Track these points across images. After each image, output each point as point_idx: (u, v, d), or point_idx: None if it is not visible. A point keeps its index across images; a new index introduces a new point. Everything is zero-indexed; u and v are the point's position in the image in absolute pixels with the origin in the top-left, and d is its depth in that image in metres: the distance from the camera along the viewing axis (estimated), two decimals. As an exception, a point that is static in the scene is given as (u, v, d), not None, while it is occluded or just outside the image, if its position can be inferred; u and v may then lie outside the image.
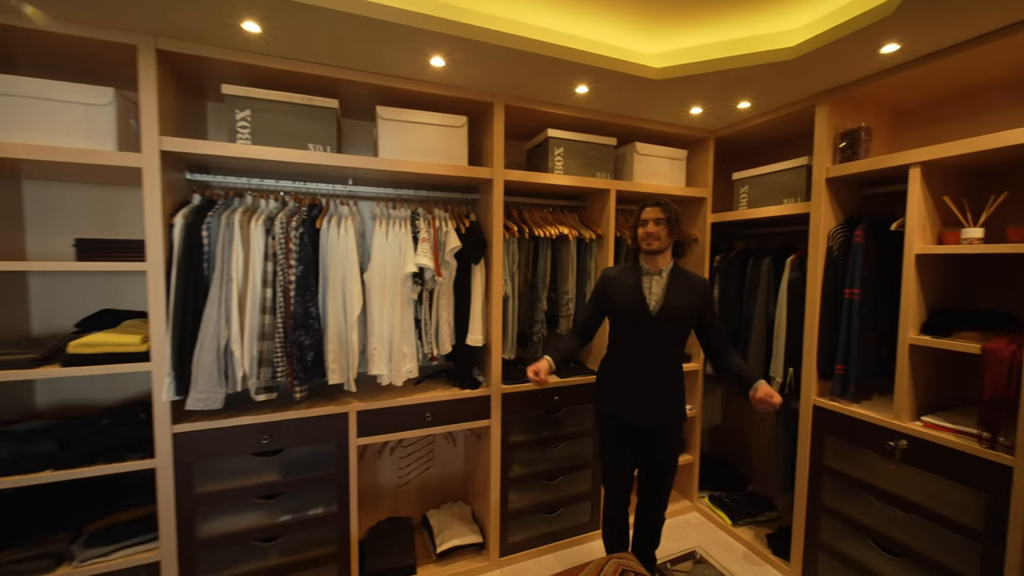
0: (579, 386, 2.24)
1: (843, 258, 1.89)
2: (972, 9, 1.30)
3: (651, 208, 1.69)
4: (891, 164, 1.67)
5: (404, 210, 2.03)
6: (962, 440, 1.51)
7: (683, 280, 1.71)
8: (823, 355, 1.94)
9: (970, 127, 1.78)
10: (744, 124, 2.28)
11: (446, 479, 2.50)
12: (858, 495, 1.81)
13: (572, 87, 1.89)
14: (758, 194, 2.30)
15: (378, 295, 1.85)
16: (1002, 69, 1.59)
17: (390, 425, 1.90)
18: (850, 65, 1.65)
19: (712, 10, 1.57)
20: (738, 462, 2.88)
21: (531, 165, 2.35)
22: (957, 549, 1.53)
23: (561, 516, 2.28)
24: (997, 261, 1.70)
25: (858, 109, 1.94)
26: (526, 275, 2.26)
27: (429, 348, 1.99)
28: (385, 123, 1.86)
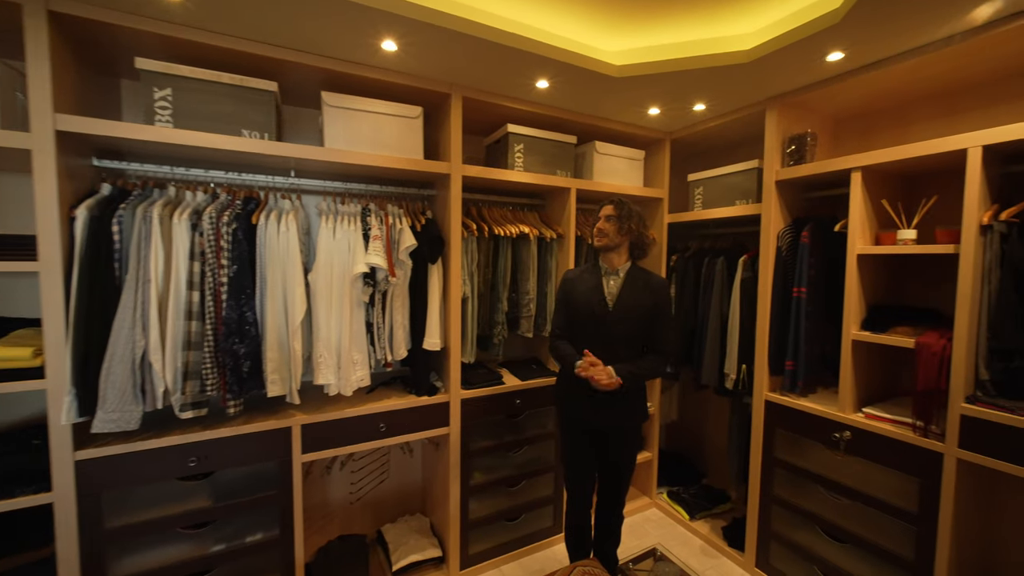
0: (540, 388, 2.19)
1: (791, 258, 1.97)
2: (908, 26, 1.37)
3: (606, 206, 1.71)
4: (835, 168, 1.74)
5: (354, 205, 1.88)
6: (899, 429, 1.60)
7: (639, 280, 1.71)
8: (774, 351, 2.01)
9: (901, 135, 1.91)
10: (699, 126, 2.32)
11: (402, 491, 2.37)
12: (807, 485, 1.89)
13: (533, 81, 1.83)
14: (712, 195, 2.35)
15: (324, 298, 1.70)
16: (930, 82, 1.70)
17: (340, 438, 1.76)
18: (799, 71, 1.70)
19: (671, 10, 1.57)
20: (693, 457, 2.95)
21: (490, 161, 2.27)
22: (895, 532, 1.62)
23: (523, 522, 2.22)
24: (925, 260, 1.82)
25: (804, 115, 2.02)
26: (486, 275, 2.18)
27: (382, 354, 1.86)
28: (332, 110, 1.71)
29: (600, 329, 1.67)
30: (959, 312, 1.44)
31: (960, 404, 1.43)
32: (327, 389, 1.73)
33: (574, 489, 1.80)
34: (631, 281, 1.71)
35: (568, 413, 1.77)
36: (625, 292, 1.69)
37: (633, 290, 1.69)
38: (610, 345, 1.66)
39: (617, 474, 1.78)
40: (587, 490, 1.80)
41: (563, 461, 1.83)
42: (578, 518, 1.82)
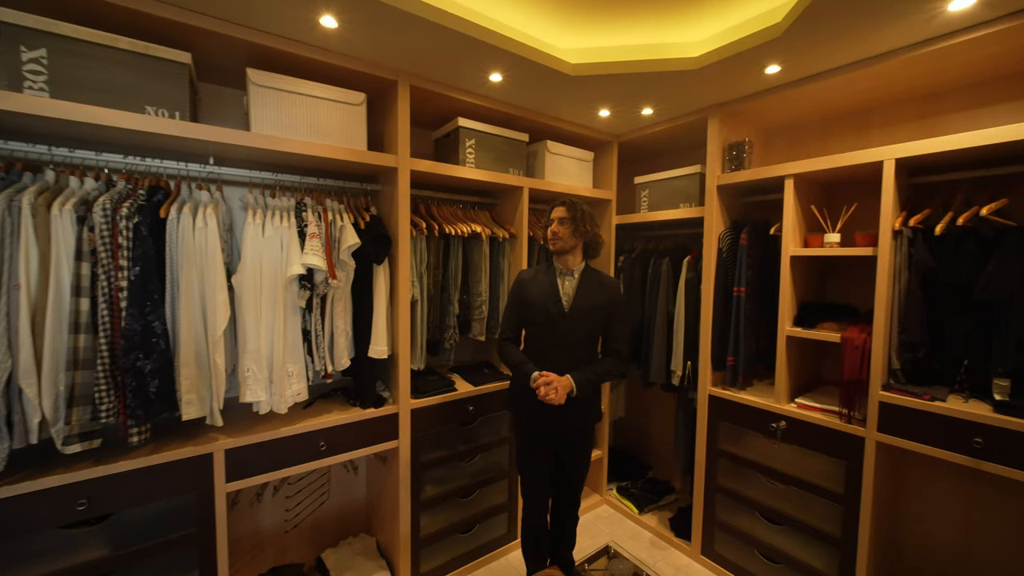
0: (494, 393, 2.12)
1: (731, 259, 2.07)
2: (839, 45, 1.48)
3: (558, 207, 1.69)
4: (771, 175, 1.86)
5: (286, 199, 1.68)
6: (827, 417, 1.73)
7: (593, 280, 1.71)
8: (716, 348, 2.11)
9: (821, 147, 2.08)
10: (645, 130, 2.38)
11: (345, 511, 2.18)
12: (747, 473, 2.00)
13: (486, 74, 1.75)
14: (658, 198, 2.43)
15: (253, 303, 1.50)
16: (847, 100, 1.87)
17: (273, 461, 1.56)
18: (740, 81, 1.79)
19: (625, 11, 1.57)
20: (639, 451, 3.05)
21: (439, 156, 2.15)
22: (824, 512, 1.76)
23: (477, 533, 2.14)
24: (844, 261, 2.01)
25: (741, 124, 2.14)
26: (436, 276, 2.06)
27: (322, 364, 1.68)
28: (260, 91, 1.51)
29: (557, 331, 1.63)
30: (877, 309, 1.59)
31: (878, 392, 1.58)
32: (257, 407, 1.53)
33: (531, 495, 1.76)
34: (586, 282, 1.69)
35: (522, 418, 1.72)
36: (581, 293, 1.67)
37: (588, 291, 1.68)
38: (566, 347, 1.63)
39: (574, 477, 1.76)
40: (544, 495, 1.76)
41: (519, 467, 1.78)
42: (535, 524, 1.78)
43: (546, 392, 1.53)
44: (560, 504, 1.80)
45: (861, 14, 1.31)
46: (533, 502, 1.76)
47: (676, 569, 2.14)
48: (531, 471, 1.73)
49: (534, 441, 1.70)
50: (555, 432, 1.68)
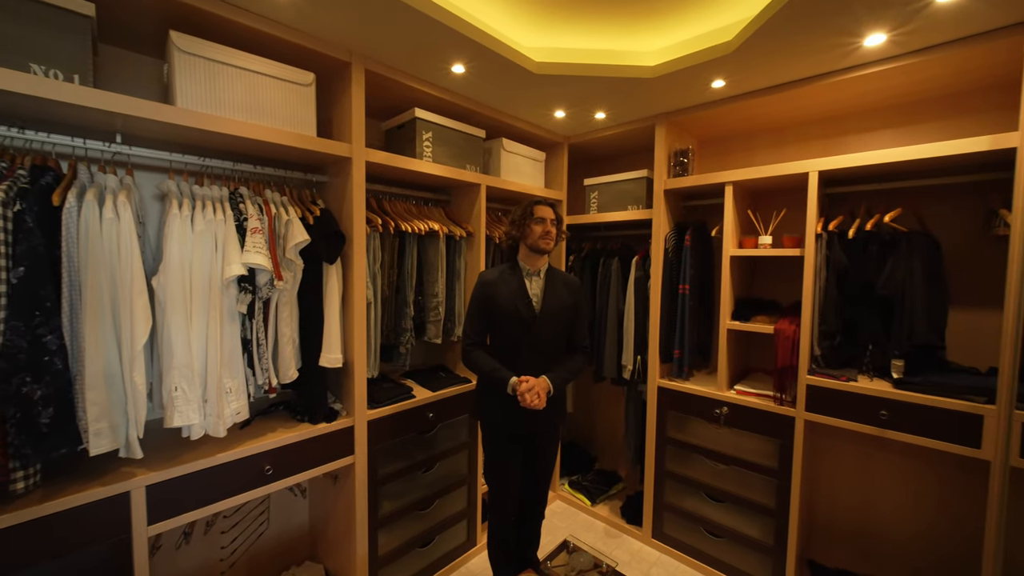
0: (453, 398, 2.04)
1: (676, 259, 2.22)
2: (777, 66, 1.64)
3: (544, 208, 1.66)
4: (714, 181, 2.01)
5: (217, 189, 1.45)
6: (762, 401, 1.93)
7: (558, 280, 1.71)
8: (664, 342, 2.24)
9: (748, 158, 2.31)
10: (596, 134, 2.46)
11: (286, 539, 1.95)
12: (692, 457, 2.16)
13: (448, 64, 1.67)
14: (607, 199, 2.52)
15: (180, 310, 1.27)
16: (770, 117, 2.09)
17: (208, 493, 1.33)
18: (689, 92, 1.92)
19: (588, 14, 1.59)
20: (586, 445, 3.15)
21: (390, 148, 2.01)
22: (761, 487, 1.95)
23: (437, 544, 2.04)
24: (770, 260, 2.25)
25: (684, 132, 2.30)
26: (391, 277, 1.93)
27: (265, 377, 1.48)
28: (187, 60, 1.28)
29: (529, 332, 1.61)
30: (804, 302, 1.80)
31: (806, 376, 1.79)
32: (188, 432, 1.30)
33: (503, 502, 1.70)
34: (551, 281, 1.69)
35: (494, 422, 1.67)
36: (548, 293, 1.66)
37: (555, 290, 1.68)
38: (538, 348, 1.62)
39: (543, 477, 1.76)
40: (515, 501, 1.73)
41: (490, 476, 1.72)
42: (506, 531, 1.74)
43: (531, 399, 1.49)
44: (530, 505, 1.78)
45: (798, 41, 1.46)
46: (505, 510, 1.71)
47: (631, 555, 2.24)
48: (504, 478, 1.68)
49: (507, 447, 1.66)
50: (530, 434, 1.66)
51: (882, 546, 1.97)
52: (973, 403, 1.46)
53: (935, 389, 1.55)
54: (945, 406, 1.50)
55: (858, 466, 2.02)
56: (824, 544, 2.11)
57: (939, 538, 1.83)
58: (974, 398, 1.47)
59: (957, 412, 1.48)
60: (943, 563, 1.81)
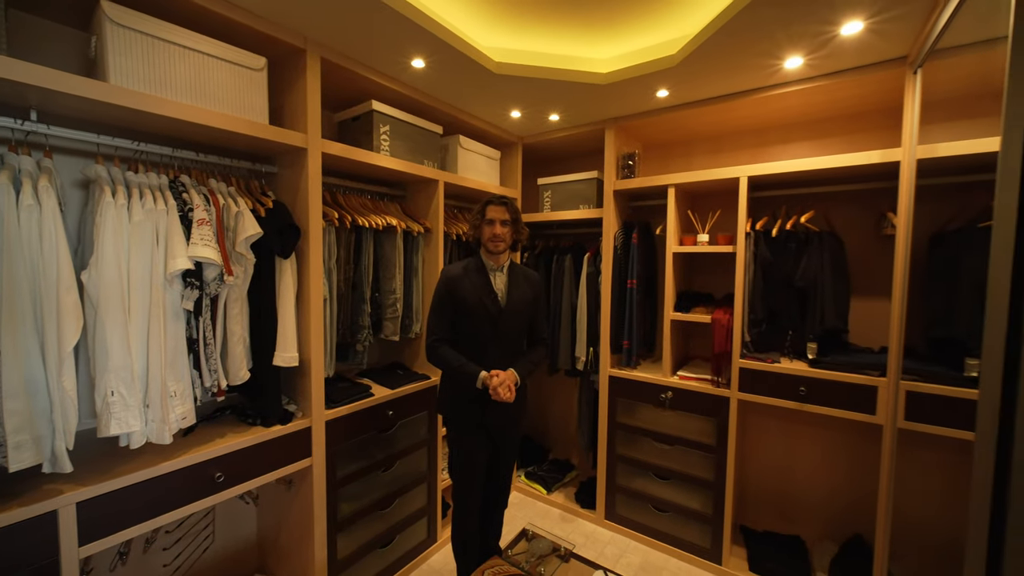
0: (412, 395, 2.03)
1: (625, 255, 2.36)
2: (713, 80, 1.81)
3: (497, 207, 1.65)
4: (657, 183, 2.18)
5: (155, 176, 1.34)
6: (701, 385, 2.12)
7: (519, 275, 1.75)
8: (614, 334, 2.38)
9: (686, 163, 2.52)
10: (549, 135, 2.55)
11: (233, 553, 1.83)
12: (640, 440, 2.32)
13: (408, 58, 1.66)
14: (559, 199, 2.62)
15: (116, 308, 1.16)
16: (707, 127, 2.30)
17: (150, 507, 1.23)
18: (637, 99, 2.05)
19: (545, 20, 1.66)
20: (538, 436, 3.24)
21: (346, 140, 1.96)
22: (701, 463, 2.14)
23: (398, 543, 2.02)
24: (707, 256, 2.46)
25: (631, 137, 2.45)
26: (347, 273, 1.87)
27: (213, 379, 1.39)
28: (122, 34, 1.17)
29: (496, 328, 1.63)
30: (736, 294, 2.00)
31: (738, 360, 2.00)
32: (127, 440, 1.19)
33: (469, 498, 1.71)
34: (514, 276, 1.73)
35: (461, 418, 1.67)
36: (512, 288, 1.70)
37: (517, 285, 1.72)
38: (504, 342, 1.66)
39: (508, 468, 1.80)
40: (479, 493, 1.76)
41: (457, 472, 1.71)
42: (471, 524, 1.75)
43: (504, 392, 1.51)
44: (494, 497, 1.81)
45: (731, 59, 1.64)
46: (470, 504, 1.72)
47: (586, 536, 2.36)
48: (471, 473, 1.69)
49: (473, 442, 1.67)
50: (498, 428, 1.68)
51: (800, 507, 2.24)
52: (870, 377, 1.72)
53: (841, 367, 1.80)
54: (849, 380, 1.75)
55: (781, 438, 2.28)
56: (754, 510, 2.36)
57: (845, 495, 2.12)
58: (871, 372, 1.73)
59: (858, 385, 1.73)
60: (848, 515, 2.11)
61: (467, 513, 1.73)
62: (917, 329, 1.76)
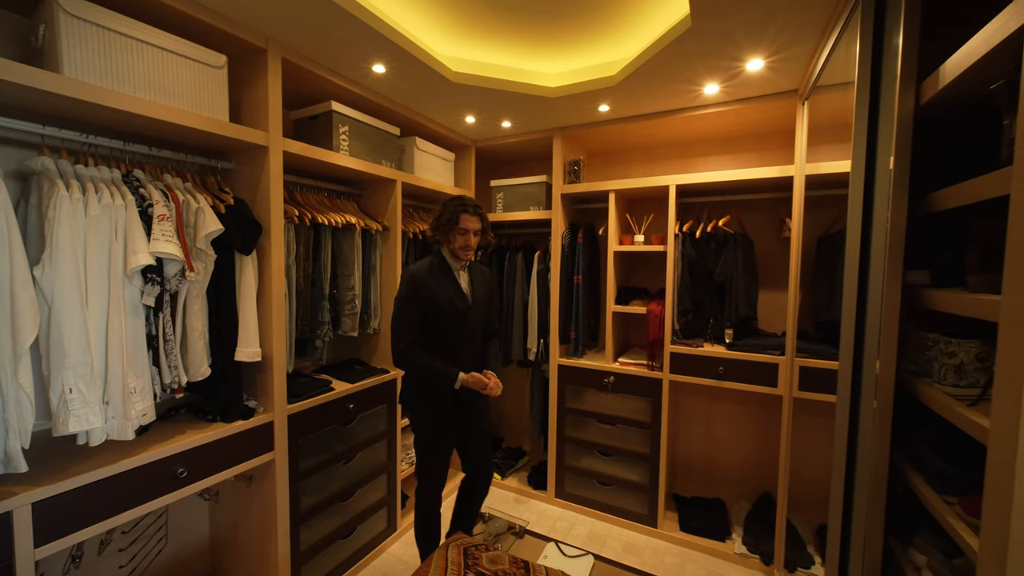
0: (372, 388, 2.09)
1: (571, 254, 2.57)
2: (645, 99, 2.06)
3: (471, 218, 1.65)
4: (600, 188, 2.40)
5: (107, 170, 1.31)
6: (639, 369, 2.38)
7: (477, 272, 1.81)
8: (562, 326, 2.58)
9: (624, 171, 2.78)
10: (501, 140, 2.70)
11: (183, 556, 1.79)
12: (587, 422, 2.54)
13: (369, 64, 1.73)
14: (511, 200, 2.78)
15: (74, 303, 1.14)
16: (643, 138, 2.57)
17: (109, 504, 1.22)
18: (581, 112, 2.26)
19: (499, 34, 1.81)
20: (493, 427, 3.39)
21: (301, 138, 1.97)
22: (639, 439, 2.40)
23: (359, 534, 2.07)
24: (642, 255, 2.74)
25: (576, 145, 2.66)
26: (306, 269, 1.90)
27: (174, 375, 1.39)
28: (76, 24, 1.15)
29: (465, 326, 1.69)
30: (667, 288, 2.27)
31: (669, 346, 2.27)
32: (87, 438, 1.17)
33: (436, 484, 1.78)
34: (474, 274, 1.78)
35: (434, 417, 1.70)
36: (475, 286, 1.75)
37: (478, 283, 1.77)
38: (470, 339, 1.73)
39: (488, 454, 1.87)
40: (444, 483, 1.82)
41: (427, 462, 1.75)
42: (436, 510, 1.83)
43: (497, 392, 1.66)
44: (476, 483, 1.88)
45: (661, 82, 1.88)
46: (436, 492, 1.79)
47: (538, 514, 2.54)
48: (441, 463, 1.75)
49: (446, 438, 1.73)
50: (467, 420, 1.76)
51: (721, 474, 2.58)
52: (773, 356, 2.05)
53: (752, 349, 2.12)
54: (757, 360, 2.07)
55: (705, 414, 2.61)
56: (683, 479, 2.67)
57: (756, 460, 2.48)
58: (773, 352, 2.06)
59: (764, 363, 2.05)
60: (759, 477, 2.47)
61: (434, 499, 1.79)
62: (808, 315, 2.12)
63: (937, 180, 0.90)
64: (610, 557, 2.18)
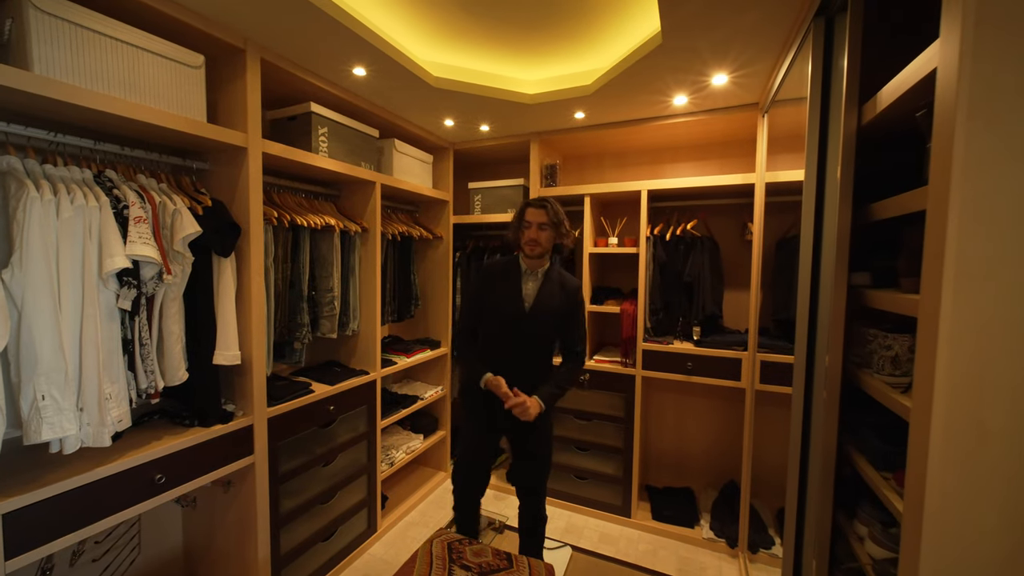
0: (351, 390, 2.09)
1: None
2: (619, 108, 2.15)
3: (536, 210, 1.62)
4: (576, 192, 2.49)
5: (77, 170, 1.28)
6: (613, 366, 2.47)
7: (555, 282, 1.71)
8: (540, 326, 2.65)
9: (598, 175, 2.88)
10: (479, 143, 2.74)
11: (157, 566, 1.75)
12: (565, 418, 2.61)
13: (350, 67, 1.74)
14: (489, 202, 2.82)
15: (47, 308, 1.11)
16: (616, 144, 2.68)
17: (85, 513, 1.19)
18: (557, 118, 2.33)
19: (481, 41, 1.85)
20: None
21: (278, 138, 1.94)
22: (613, 433, 2.50)
23: (339, 536, 2.07)
24: (616, 256, 2.85)
25: (553, 150, 2.74)
26: (285, 271, 1.88)
27: (150, 380, 1.36)
28: (48, 21, 1.12)
29: (515, 332, 1.67)
30: (639, 288, 2.38)
31: (641, 343, 2.38)
32: (61, 446, 1.14)
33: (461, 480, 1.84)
34: (548, 283, 1.70)
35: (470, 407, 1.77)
36: (543, 294, 1.68)
37: (551, 292, 1.69)
38: (524, 348, 1.68)
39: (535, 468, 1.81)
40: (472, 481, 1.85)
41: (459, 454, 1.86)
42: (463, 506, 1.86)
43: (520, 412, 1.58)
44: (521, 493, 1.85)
45: (633, 93, 1.98)
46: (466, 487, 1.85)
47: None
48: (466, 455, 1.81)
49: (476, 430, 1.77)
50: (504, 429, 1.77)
51: (690, 464, 2.72)
52: (737, 351, 2.18)
53: (717, 345, 2.25)
54: (723, 355, 2.20)
55: (675, 408, 2.74)
56: (655, 470, 2.79)
57: (722, 450, 2.62)
58: (737, 348, 2.20)
59: (729, 359, 2.19)
60: (725, 466, 2.61)
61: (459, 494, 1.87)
62: (768, 313, 2.27)
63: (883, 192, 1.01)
64: (587, 547, 2.27)
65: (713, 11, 1.34)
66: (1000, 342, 0.55)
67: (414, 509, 2.60)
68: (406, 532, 2.39)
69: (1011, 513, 0.56)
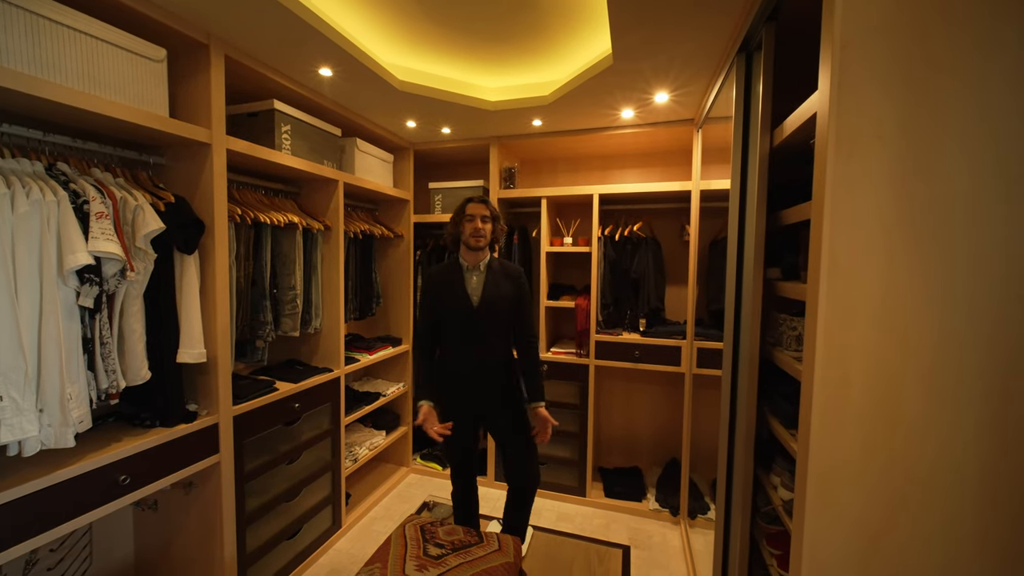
0: (316, 388, 2.10)
1: (507, 254, 2.78)
2: (574, 117, 2.33)
3: (476, 204, 1.75)
4: (533, 194, 2.64)
5: (27, 162, 1.23)
6: (569, 357, 2.66)
7: (499, 273, 1.80)
8: (500, 321, 2.78)
9: (552, 179, 3.06)
10: (440, 144, 2.82)
11: (111, 574, 1.68)
12: (523, 409, 2.76)
13: (316, 67, 1.77)
14: (449, 202, 2.90)
15: (3, 306, 1.08)
16: (570, 150, 2.86)
17: (43, 518, 1.15)
18: (516, 125, 2.47)
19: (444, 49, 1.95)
20: (431, 421, 3.48)
21: (238, 134, 1.91)
22: (569, 419, 2.68)
23: (305, 532, 2.08)
24: (570, 255, 3.04)
25: (511, 153, 2.87)
26: (247, 269, 1.87)
27: (111, 380, 1.33)
28: (1, 8, 1.08)
29: (468, 326, 1.75)
30: (593, 285, 2.58)
31: (594, 335, 2.58)
32: (20, 448, 1.10)
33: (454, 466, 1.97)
34: (492, 274, 1.78)
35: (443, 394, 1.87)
36: (488, 286, 1.75)
37: (496, 283, 1.77)
38: (481, 339, 1.76)
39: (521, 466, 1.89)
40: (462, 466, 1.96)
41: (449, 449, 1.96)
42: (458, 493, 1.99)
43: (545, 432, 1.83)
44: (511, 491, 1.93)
45: (585, 105, 2.16)
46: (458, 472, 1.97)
47: (481, 497, 2.69)
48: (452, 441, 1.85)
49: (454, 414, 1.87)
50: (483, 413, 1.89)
51: (637, 445, 2.97)
52: (677, 340, 2.44)
53: (660, 335, 2.50)
54: (665, 344, 2.45)
55: (624, 395, 2.98)
56: (607, 453, 3.02)
57: (665, 431, 2.90)
58: (677, 337, 2.46)
59: (670, 347, 2.44)
60: (667, 445, 2.89)
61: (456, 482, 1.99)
62: (703, 305, 2.55)
63: (792, 201, 1.24)
64: (546, 526, 2.43)
65: (656, 40, 1.54)
66: (859, 316, 0.75)
67: (378, 504, 2.64)
68: (371, 527, 2.42)
69: (864, 436, 0.76)
